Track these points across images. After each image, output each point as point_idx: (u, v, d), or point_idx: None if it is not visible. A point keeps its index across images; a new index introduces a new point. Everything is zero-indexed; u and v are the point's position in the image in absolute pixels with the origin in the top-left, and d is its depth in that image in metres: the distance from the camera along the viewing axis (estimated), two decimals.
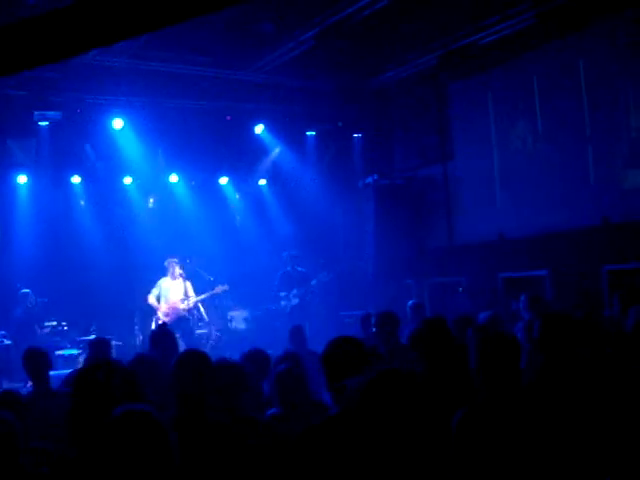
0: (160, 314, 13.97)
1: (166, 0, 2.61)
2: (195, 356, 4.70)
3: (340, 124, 16.94)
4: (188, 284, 14.36)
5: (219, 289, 14.45)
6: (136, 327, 15.16)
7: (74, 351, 13.15)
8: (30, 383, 6.96)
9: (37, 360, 6.75)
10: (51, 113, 13.97)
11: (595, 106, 12.38)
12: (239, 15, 11.27)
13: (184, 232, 16.29)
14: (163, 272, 14.47)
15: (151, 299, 14.25)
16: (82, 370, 3.80)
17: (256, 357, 6.46)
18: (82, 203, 16.19)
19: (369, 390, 3.01)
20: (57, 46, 2.75)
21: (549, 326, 5.27)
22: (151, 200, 17.27)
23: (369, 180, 15.82)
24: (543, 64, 13.17)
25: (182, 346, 9.73)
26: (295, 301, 15.30)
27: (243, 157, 16.72)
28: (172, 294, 14.18)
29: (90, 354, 7.73)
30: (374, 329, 8.47)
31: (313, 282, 15.48)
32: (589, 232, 12.26)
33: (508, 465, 3.76)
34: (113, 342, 13.92)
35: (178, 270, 14.30)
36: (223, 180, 17.59)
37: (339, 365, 4.16)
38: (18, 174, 15.05)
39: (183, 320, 14.08)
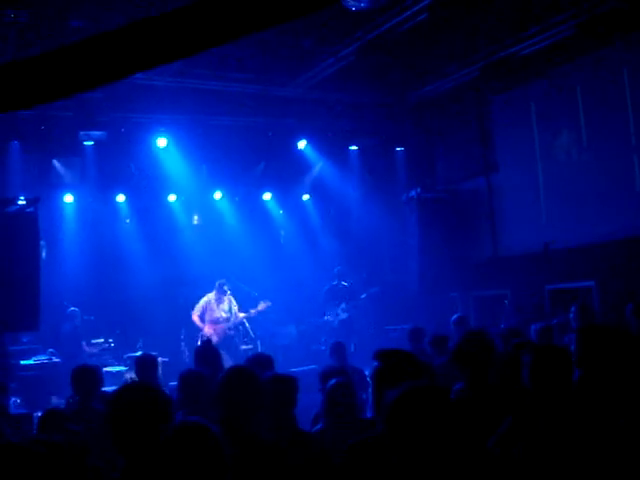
0: (206, 334, 13.87)
1: (213, 22, 2.62)
2: (241, 372, 4.64)
3: (382, 138, 16.93)
4: (232, 299, 14.39)
5: (262, 306, 14.45)
6: (182, 343, 15.20)
7: (121, 368, 13.22)
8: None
9: (86, 378, 6.83)
10: (96, 133, 14.15)
11: None
12: (280, 32, 11.33)
13: (229, 248, 16.37)
14: (209, 288, 14.51)
15: (195, 317, 14.33)
16: (116, 392, 3.88)
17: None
18: (127, 221, 16.36)
19: (396, 406, 3.01)
20: (103, 71, 2.77)
21: (586, 339, 5.10)
22: (195, 217, 17.39)
23: (412, 194, 15.75)
24: (586, 74, 13.06)
25: (228, 362, 9.75)
26: (344, 315, 15.28)
27: (286, 173, 16.77)
28: (217, 312, 14.22)
29: (136, 371, 7.76)
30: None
31: (363, 296, 15.46)
32: (636, 242, 12.10)
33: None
34: (160, 359, 14.05)
35: (227, 290, 14.37)
36: (267, 196, 17.68)
37: (387, 378, 4.12)
38: (64, 194, 15.27)
39: (229, 338, 14.12)
